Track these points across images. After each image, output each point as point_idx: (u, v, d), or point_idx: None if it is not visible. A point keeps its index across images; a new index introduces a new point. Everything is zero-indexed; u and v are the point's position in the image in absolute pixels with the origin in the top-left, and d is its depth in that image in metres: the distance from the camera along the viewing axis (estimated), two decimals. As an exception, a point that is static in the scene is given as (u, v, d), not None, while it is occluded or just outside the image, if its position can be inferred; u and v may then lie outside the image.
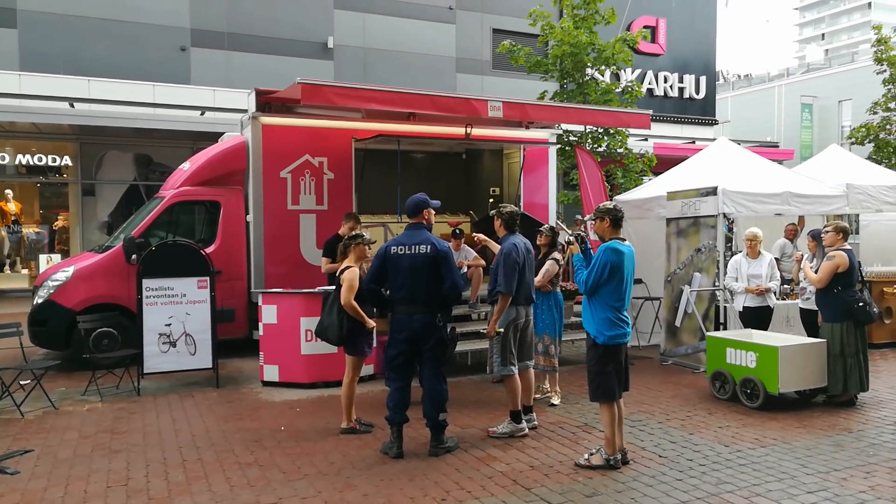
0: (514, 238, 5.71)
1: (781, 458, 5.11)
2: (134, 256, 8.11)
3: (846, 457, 5.16)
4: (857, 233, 12.75)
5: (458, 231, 8.56)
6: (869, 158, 15.68)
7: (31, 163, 15.69)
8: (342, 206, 8.83)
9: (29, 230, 16.02)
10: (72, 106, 15.00)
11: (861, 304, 6.46)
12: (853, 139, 19.46)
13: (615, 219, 4.99)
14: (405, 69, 19.05)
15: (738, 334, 7.06)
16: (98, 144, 15.99)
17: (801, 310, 7.68)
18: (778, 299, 7.83)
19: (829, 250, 6.62)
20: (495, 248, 6.10)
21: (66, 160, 15.93)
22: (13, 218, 15.69)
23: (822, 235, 6.87)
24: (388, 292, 5.33)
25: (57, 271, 8.60)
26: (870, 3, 76.24)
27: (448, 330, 5.38)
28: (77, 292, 8.23)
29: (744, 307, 7.54)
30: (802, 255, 7.65)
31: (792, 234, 10.00)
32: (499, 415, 6.10)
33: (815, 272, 6.71)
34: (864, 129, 18.97)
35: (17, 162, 15.68)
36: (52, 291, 8.24)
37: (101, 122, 14.86)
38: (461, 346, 7.62)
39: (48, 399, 6.62)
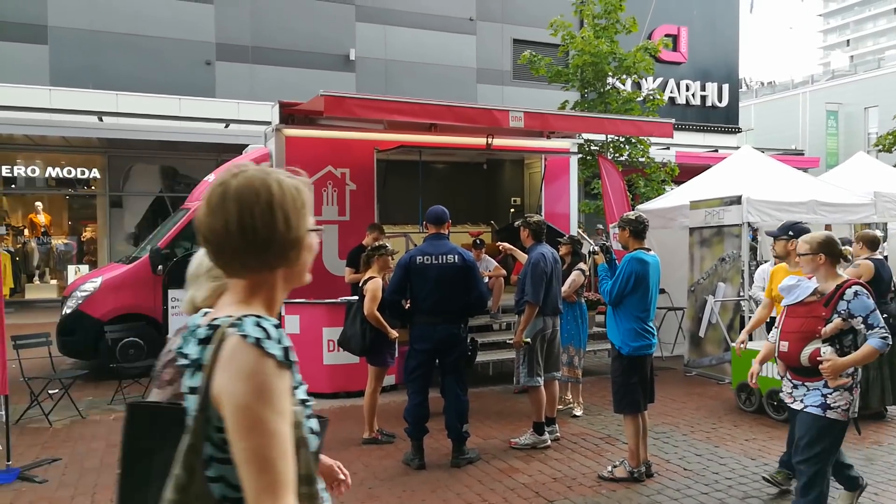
0: (542, 248, 5.70)
1: (810, 472, 5.01)
2: (160, 267, 8.23)
3: (877, 470, 5.05)
4: (885, 241, 12.52)
5: (479, 241, 8.57)
6: (897, 166, 15.40)
7: (61, 175, 16.03)
8: (364, 217, 8.89)
9: (58, 241, 16.33)
10: (100, 120, 15.31)
11: (885, 315, 6.31)
12: (880, 146, 19.15)
13: (635, 230, 4.97)
14: (426, 80, 19.16)
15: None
16: (125, 157, 16.30)
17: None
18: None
19: (857, 260, 6.51)
20: (521, 257, 6.10)
21: (95, 173, 16.25)
22: (42, 229, 16.02)
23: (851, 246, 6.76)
24: (407, 303, 5.33)
25: (85, 282, 8.75)
26: (896, 9, 75.15)
27: (468, 340, 5.39)
28: (105, 303, 8.36)
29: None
30: None
31: None
32: (521, 426, 6.07)
33: None
34: (891, 136, 18.66)
35: (46, 175, 16.03)
36: (80, 302, 8.38)
37: (129, 136, 15.14)
38: (483, 357, 7.61)
39: (76, 408, 6.73)
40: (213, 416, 1.27)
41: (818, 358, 3.65)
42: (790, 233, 4.83)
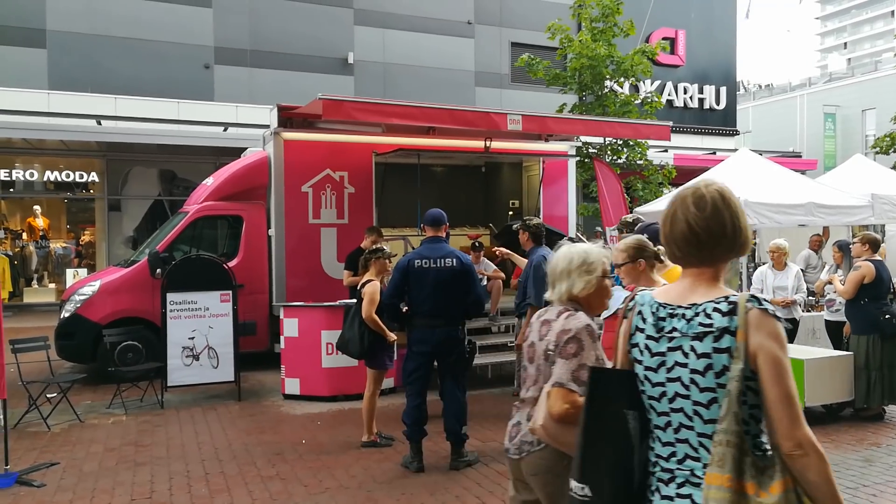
0: (543, 250, 5.70)
1: (809, 474, 5.01)
2: (158, 271, 8.22)
3: (876, 472, 5.06)
4: (883, 243, 12.54)
5: (477, 244, 8.57)
6: (894, 168, 15.44)
7: (59, 179, 16.03)
8: (362, 220, 8.89)
9: (56, 245, 16.33)
10: (99, 123, 15.32)
11: (888, 316, 6.34)
12: (878, 148, 19.23)
13: (633, 232, 4.98)
14: (425, 84, 19.19)
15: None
16: (124, 161, 16.30)
17: (827, 322, 7.57)
18: (803, 311, 7.72)
19: (857, 261, 6.53)
20: (519, 261, 6.11)
21: (93, 176, 16.25)
22: (41, 233, 16.01)
23: (851, 247, 6.78)
24: (405, 306, 5.33)
25: (83, 286, 8.74)
26: (893, 12, 75.35)
27: (466, 342, 5.39)
28: (103, 306, 8.35)
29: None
30: (830, 270, 7.51)
31: (817, 245, 9.86)
32: (520, 428, 6.07)
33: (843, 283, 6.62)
34: (888, 139, 18.73)
35: (45, 178, 16.03)
36: (78, 305, 8.37)
37: (127, 139, 15.16)
38: (481, 360, 7.61)
39: (74, 412, 6.72)
40: (745, 369, 1.68)
41: None
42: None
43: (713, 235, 1.77)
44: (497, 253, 6.62)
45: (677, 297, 1.83)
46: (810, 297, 8.55)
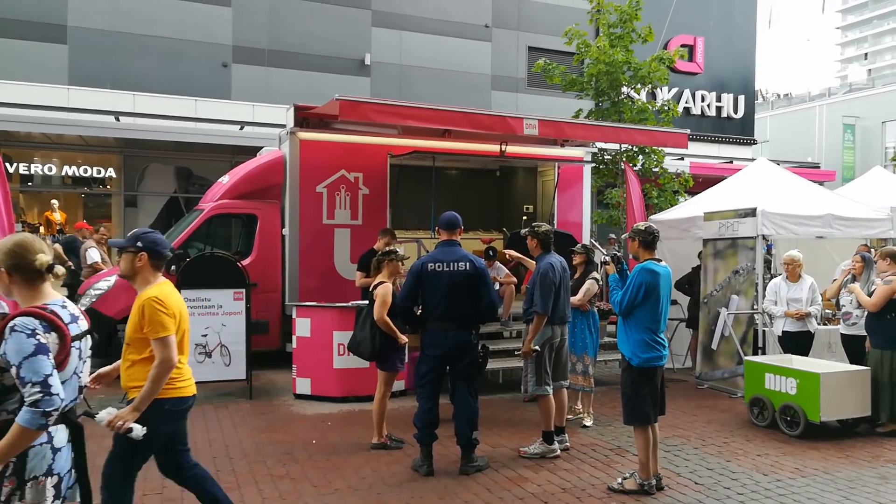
0: (550, 258, 5.68)
1: (823, 490, 4.95)
2: (173, 267, 8.26)
3: (892, 489, 4.98)
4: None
5: (491, 252, 8.56)
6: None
7: (77, 174, 16.17)
8: (376, 222, 8.91)
9: (72, 239, 16.44)
10: (117, 119, 15.44)
11: None
12: (898, 161, 19.00)
13: (644, 240, 4.95)
14: (441, 86, 19.20)
15: (778, 359, 6.90)
16: (141, 157, 16.41)
17: (843, 336, 7.46)
18: (819, 324, 7.62)
19: (885, 276, 6.41)
20: (530, 265, 6.08)
21: (111, 172, 16.38)
22: (58, 227, 16.15)
23: (877, 262, 6.66)
24: (419, 309, 5.33)
25: (99, 280, 8.81)
26: (915, 23, 74.57)
27: (480, 347, 5.38)
28: (118, 301, 8.39)
29: (783, 332, 7.35)
30: (847, 281, 7.33)
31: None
32: (530, 434, 6.04)
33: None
34: (909, 151, 18.51)
35: (63, 173, 16.18)
36: (93, 300, 8.44)
37: (145, 136, 15.26)
38: (492, 364, 7.58)
39: (87, 406, 6.75)
40: None
41: None
42: (138, 244, 3.69)
43: None
44: (508, 256, 6.61)
45: None
46: (827, 311, 8.43)
